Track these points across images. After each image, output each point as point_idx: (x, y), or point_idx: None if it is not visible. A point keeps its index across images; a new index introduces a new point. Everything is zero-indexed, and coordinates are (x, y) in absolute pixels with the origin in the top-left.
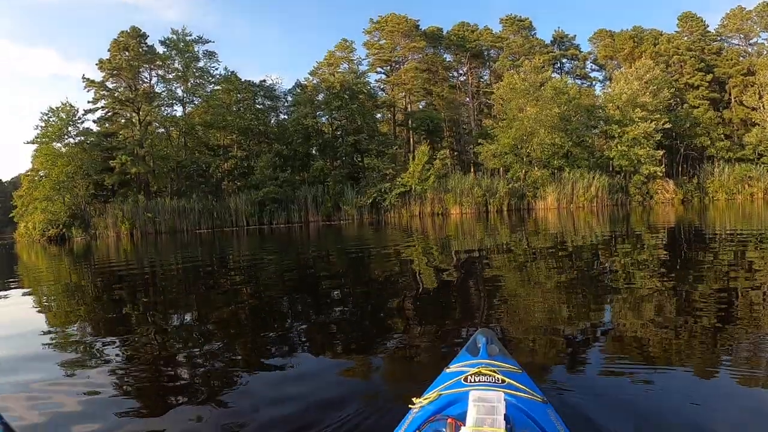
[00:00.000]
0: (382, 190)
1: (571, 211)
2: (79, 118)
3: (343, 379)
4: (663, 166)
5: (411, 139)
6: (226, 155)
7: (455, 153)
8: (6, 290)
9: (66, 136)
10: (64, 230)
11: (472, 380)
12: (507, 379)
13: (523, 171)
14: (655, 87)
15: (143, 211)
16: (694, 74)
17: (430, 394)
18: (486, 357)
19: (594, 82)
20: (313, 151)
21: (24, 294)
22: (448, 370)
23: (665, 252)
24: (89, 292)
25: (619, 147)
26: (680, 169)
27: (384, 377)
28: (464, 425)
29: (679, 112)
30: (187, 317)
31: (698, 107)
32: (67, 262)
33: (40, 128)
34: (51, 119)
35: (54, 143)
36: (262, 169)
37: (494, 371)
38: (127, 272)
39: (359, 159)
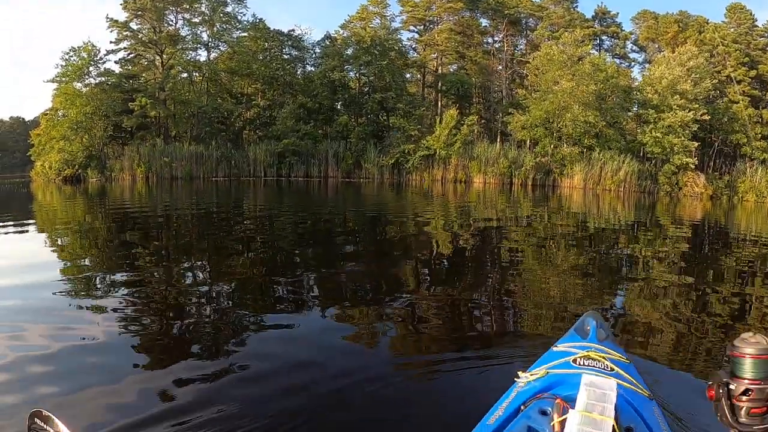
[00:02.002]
0: (406, 151)
1: (597, 193)
2: (101, 59)
3: (346, 344)
4: (696, 158)
5: (439, 103)
6: (248, 104)
7: (483, 121)
8: (21, 228)
9: (86, 76)
10: (79, 171)
11: (582, 363)
12: (616, 368)
13: (552, 146)
14: (697, 75)
15: (160, 155)
16: (737, 68)
17: (537, 371)
18: (596, 341)
19: (633, 64)
20: (338, 106)
21: (37, 232)
22: (555, 349)
23: (687, 247)
24: (101, 233)
25: (653, 133)
26: (712, 164)
27: (390, 343)
28: (572, 408)
29: (717, 105)
30: (198, 264)
31: (738, 102)
32: (82, 203)
33: (60, 67)
34: (72, 59)
35: (74, 83)
36: (285, 120)
37: (603, 357)
38: (140, 215)
39: (384, 117)
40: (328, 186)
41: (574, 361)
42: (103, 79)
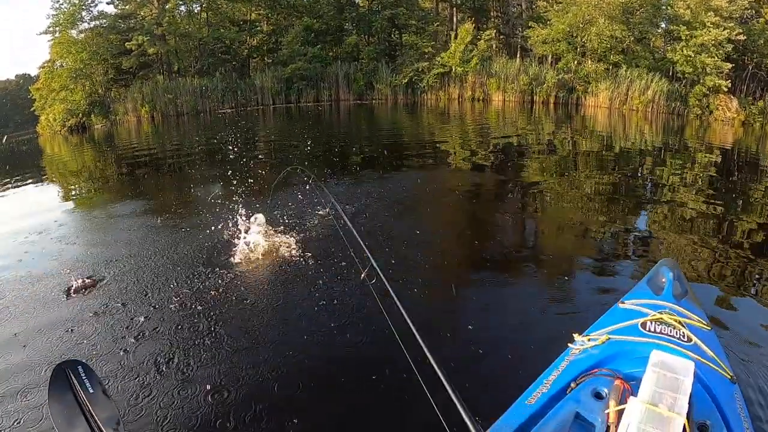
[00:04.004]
0: (420, 69)
1: (623, 113)
2: (93, 1)
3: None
4: (728, 81)
5: (454, 18)
6: (252, 30)
7: (502, 36)
8: (30, 182)
9: (80, 22)
10: (83, 119)
11: (652, 329)
12: (694, 338)
13: (576, 62)
14: None
15: (163, 92)
16: None
17: (597, 334)
18: (671, 299)
19: None
20: (347, 26)
21: (47, 185)
22: (621, 306)
23: (716, 174)
24: (110, 178)
25: (684, 51)
26: (745, 88)
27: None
28: (634, 395)
29: (753, 25)
30: (209, 198)
31: None
32: (89, 150)
33: (51, 17)
34: (63, 6)
35: (69, 31)
36: (290, 44)
37: (680, 322)
38: (148, 156)
39: (396, 35)
40: (339, 109)
41: (643, 325)
42: (98, 22)
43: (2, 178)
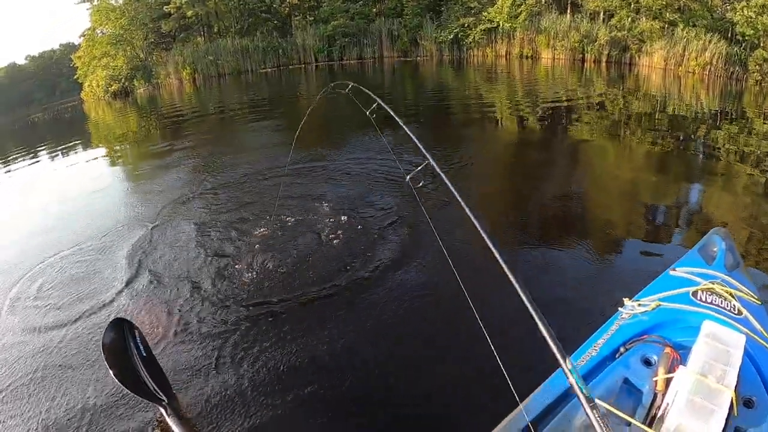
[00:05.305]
0: (466, 25)
1: (678, 76)
2: None
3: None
4: None
5: None
6: None
7: None
8: (78, 148)
9: None
10: (126, 83)
11: (703, 299)
12: (744, 311)
13: (630, 19)
14: None
15: (204, 54)
16: None
17: (648, 300)
18: (723, 269)
19: None
20: None
21: (94, 149)
22: (672, 273)
23: None
24: (155, 141)
25: (745, 12)
26: None
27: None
28: (684, 364)
29: None
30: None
31: None
32: (133, 114)
33: None
34: None
35: None
36: (331, 1)
37: (731, 294)
38: (191, 117)
39: None
40: (384, 66)
41: (694, 294)
42: None
43: (55, 143)
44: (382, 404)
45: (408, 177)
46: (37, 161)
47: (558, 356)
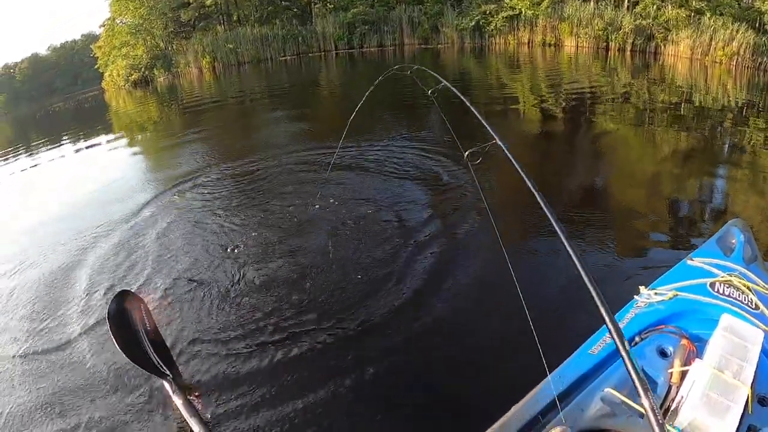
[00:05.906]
0: (487, 12)
1: (705, 65)
2: None
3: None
4: None
5: None
6: None
7: None
8: (99, 136)
9: None
10: (146, 72)
11: (720, 291)
12: (761, 305)
13: (655, 7)
14: None
15: (224, 42)
16: None
17: (664, 289)
18: (741, 262)
19: None
20: None
21: (116, 138)
22: (690, 263)
23: None
24: (176, 129)
25: None
26: None
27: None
28: (700, 357)
29: None
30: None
31: None
32: (153, 103)
33: None
34: None
35: None
36: None
37: (748, 287)
38: (210, 106)
39: None
40: (404, 54)
41: (712, 285)
42: None
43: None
44: (420, 370)
45: (466, 153)
46: (61, 151)
47: (604, 314)
